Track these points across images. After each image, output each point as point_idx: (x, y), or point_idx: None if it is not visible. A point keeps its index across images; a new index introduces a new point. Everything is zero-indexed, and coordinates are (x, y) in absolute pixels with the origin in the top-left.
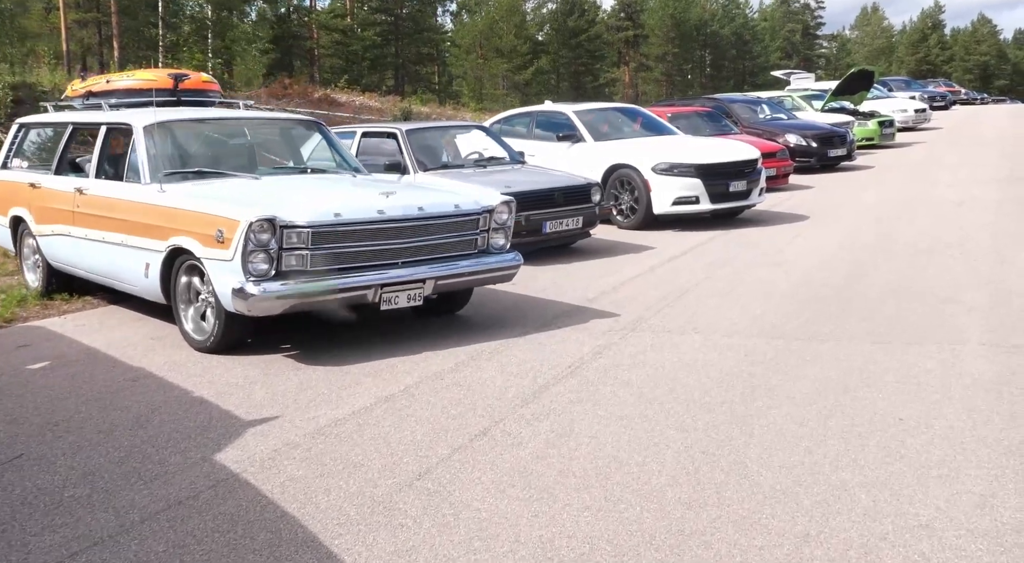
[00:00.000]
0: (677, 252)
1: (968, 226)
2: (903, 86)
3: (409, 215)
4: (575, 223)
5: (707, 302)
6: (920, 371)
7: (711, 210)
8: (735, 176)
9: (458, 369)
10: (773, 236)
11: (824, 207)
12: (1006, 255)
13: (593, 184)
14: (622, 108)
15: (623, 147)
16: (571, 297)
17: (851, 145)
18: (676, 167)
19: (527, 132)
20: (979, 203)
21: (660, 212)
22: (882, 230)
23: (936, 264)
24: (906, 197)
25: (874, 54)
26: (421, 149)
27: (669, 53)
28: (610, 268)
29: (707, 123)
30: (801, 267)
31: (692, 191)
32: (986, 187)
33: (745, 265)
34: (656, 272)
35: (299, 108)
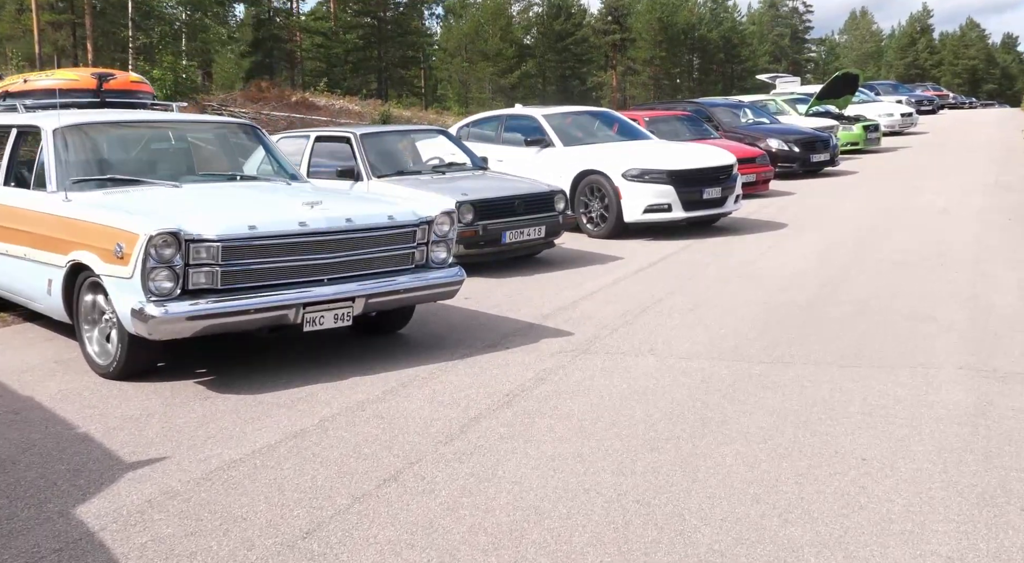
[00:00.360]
0: (645, 263)
1: (950, 236)
2: (890, 90)
3: (335, 227)
4: (537, 233)
5: (669, 320)
6: (889, 400)
7: (684, 218)
8: (709, 183)
9: (384, 398)
10: (747, 246)
11: (803, 215)
12: (987, 268)
13: (556, 192)
14: (595, 112)
15: (593, 152)
16: (525, 314)
17: (834, 150)
18: (647, 173)
19: (496, 137)
20: (963, 211)
21: (631, 220)
22: (861, 240)
23: (914, 278)
24: (889, 204)
25: (863, 58)
26: (377, 154)
27: (656, 57)
28: (572, 281)
29: (686, 127)
30: (772, 281)
31: (664, 198)
32: (972, 194)
33: (714, 278)
34: (620, 285)
35: (275, 112)
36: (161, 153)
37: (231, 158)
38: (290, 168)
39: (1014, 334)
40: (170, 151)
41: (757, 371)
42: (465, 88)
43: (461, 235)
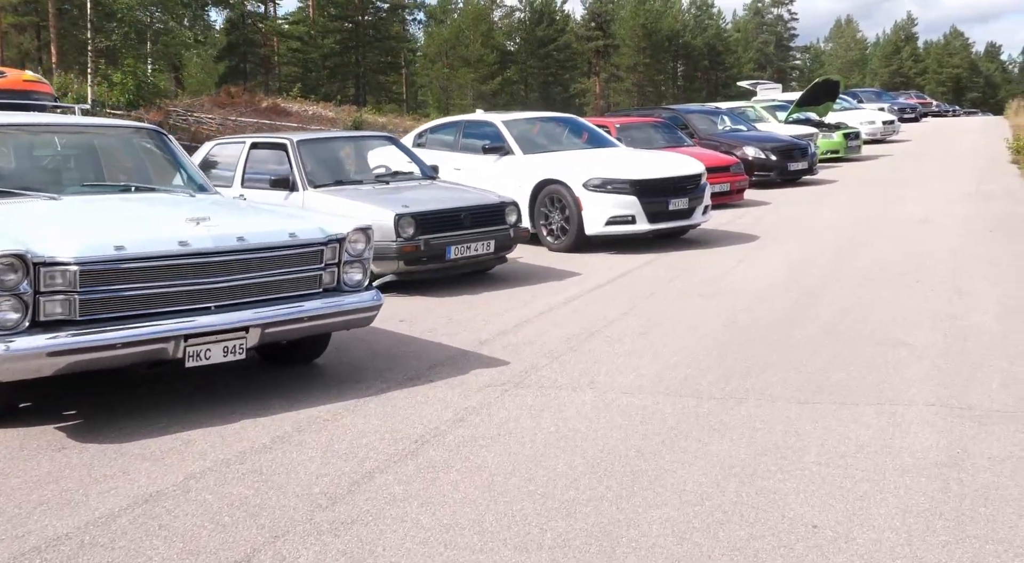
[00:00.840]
0: (603, 280)
1: (929, 248)
2: (873, 97)
3: (223, 247)
4: (486, 248)
5: (617, 345)
6: (851, 446)
7: (649, 231)
8: (676, 193)
9: (272, 446)
10: (714, 260)
11: (777, 226)
12: (966, 284)
13: (507, 203)
14: (560, 118)
15: (554, 161)
16: (461, 339)
17: (813, 158)
18: (610, 183)
19: (454, 144)
20: (944, 221)
21: (592, 233)
22: (835, 253)
23: (888, 296)
24: (867, 214)
25: (847, 66)
26: (315, 163)
27: (640, 64)
28: (521, 300)
29: (660, 135)
30: (737, 299)
31: (627, 210)
32: (953, 203)
33: (675, 296)
34: (572, 305)
35: (244, 117)
36: (48, 161)
37: (132, 166)
38: (199, 178)
39: (992, 362)
40: (58, 159)
41: (706, 409)
42: (446, 94)
43: (401, 250)
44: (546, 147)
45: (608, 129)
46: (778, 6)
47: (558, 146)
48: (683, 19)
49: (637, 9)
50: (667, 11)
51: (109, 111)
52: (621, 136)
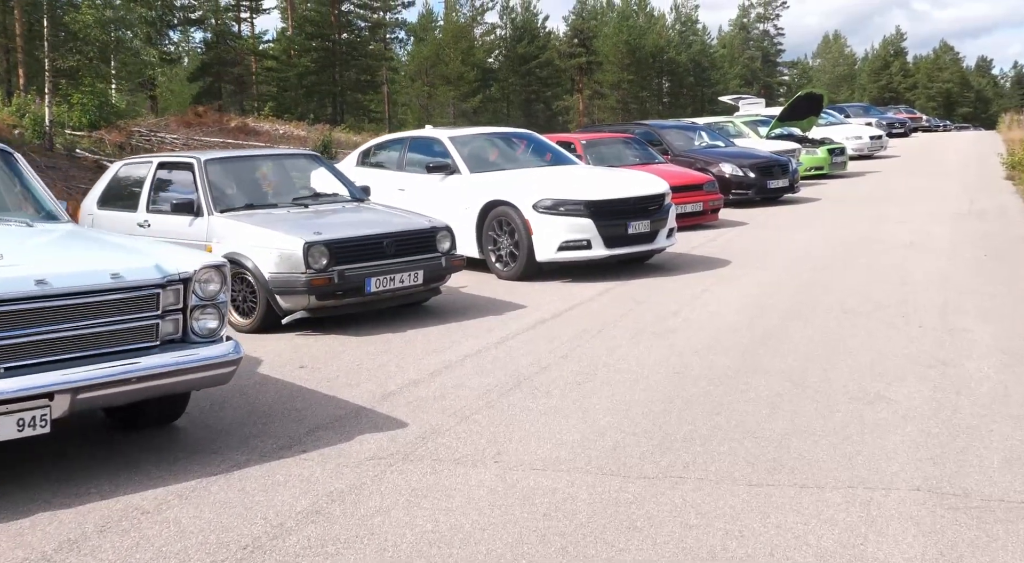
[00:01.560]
0: (549, 313)
1: (916, 276)
2: (861, 112)
3: (16, 293)
4: (413, 279)
5: (543, 400)
6: (808, 556)
7: (606, 257)
8: (636, 215)
9: (53, 557)
10: (676, 290)
11: (751, 250)
12: (958, 321)
13: (439, 229)
14: (514, 133)
15: (504, 180)
16: (362, 391)
17: (794, 175)
18: (562, 204)
19: (399, 162)
20: (932, 243)
21: (544, 259)
22: (811, 282)
23: (868, 336)
24: (849, 236)
25: (836, 81)
26: (225, 184)
27: (624, 80)
28: (449, 339)
29: (630, 152)
30: (692, 339)
31: (582, 234)
32: (942, 223)
33: (624, 335)
34: (506, 346)
35: (210, 137)
36: None
37: None
38: (49, 204)
39: (992, 425)
40: None
41: (631, 494)
42: (426, 113)
43: (311, 283)
44: (497, 165)
45: (573, 146)
46: (764, 21)
47: (511, 164)
48: (667, 35)
49: (620, 26)
50: (651, 28)
51: (68, 132)
52: (588, 153)
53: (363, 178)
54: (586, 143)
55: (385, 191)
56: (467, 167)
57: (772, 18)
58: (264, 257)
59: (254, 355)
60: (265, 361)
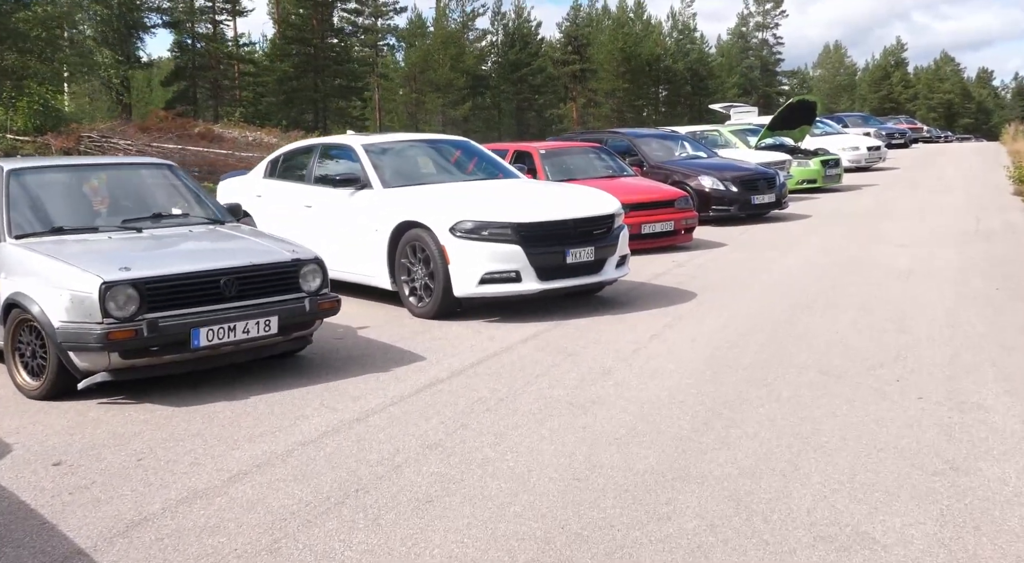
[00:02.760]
0: (450, 370)
1: (914, 319)
2: (860, 122)
3: None
4: (263, 328)
5: (362, 534)
6: None
7: (539, 292)
8: (577, 240)
9: None
10: (621, 335)
11: (723, 278)
12: (968, 391)
13: (304, 262)
14: (447, 141)
15: (420, 196)
16: (103, 516)
17: (781, 190)
18: (486, 227)
19: (307, 174)
20: (935, 272)
21: (463, 294)
22: (787, 325)
23: (847, 417)
24: (840, 261)
25: (835, 91)
26: (33, 201)
27: (619, 88)
28: (292, 414)
29: (595, 163)
30: (617, 419)
31: (509, 263)
32: (946, 246)
33: (529, 409)
34: (362, 427)
35: (168, 144)
36: None
37: None
38: None
39: None
40: None
41: None
42: (414, 120)
43: (110, 337)
44: (419, 178)
45: (531, 156)
46: (763, 30)
47: (436, 177)
48: (664, 43)
49: (616, 33)
50: (648, 35)
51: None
52: (547, 165)
53: (269, 192)
54: (545, 153)
55: (291, 209)
56: (380, 180)
57: (771, 27)
58: (52, 300)
59: (6, 439)
60: (15, 451)
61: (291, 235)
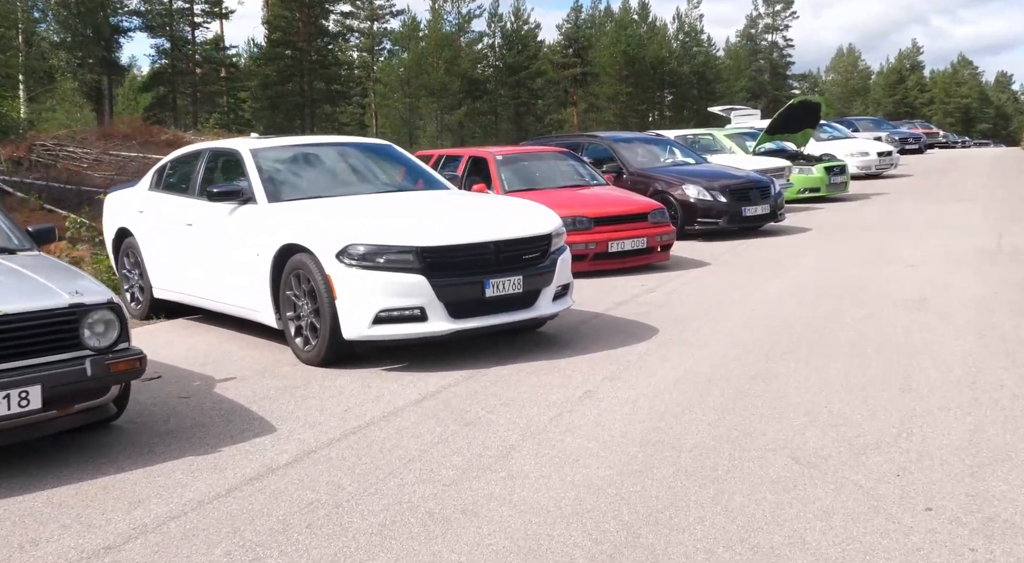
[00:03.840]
0: (296, 452)
1: (925, 372)
2: (871, 126)
3: None
4: (20, 402)
5: None
6: None
7: (449, 333)
8: (499, 268)
9: None
10: (548, 389)
11: (694, 309)
12: (1002, 493)
13: (86, 310)
14: (360, 145)
15: (309, 213)
16: None
17: (777, 200)
18: (382, 252)
19: (192, 185)
20: (951, 303)
21: (354, 336)
22: (758, 380)
23: (823, 539)
24: (835, 288)
25: (848, 95)
26: None
27: (622, 92)
28: (24, 533)
29: (560, 170)
30: (498, 534)
31: (411, 297)
32: (964, 268)
33: (384, 513)
34: (117, 555)
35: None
36: None
37: None
38: None
39: None
40: None
41: None
42: (409, 126)
43: None
44: (317, 190)
45: (486, 163)
46: (772, 32)
47: (339, 189)
48: (669, 46)
49: (618, 35)
50: (652, 38)
51: None
52: (503, 173)
53: (151, 207)
54: (502, 160)
55: (173, 227)
56: (266, 193)
57: (781, 29)
58: None
59: None
60: None
61: (171, 259)
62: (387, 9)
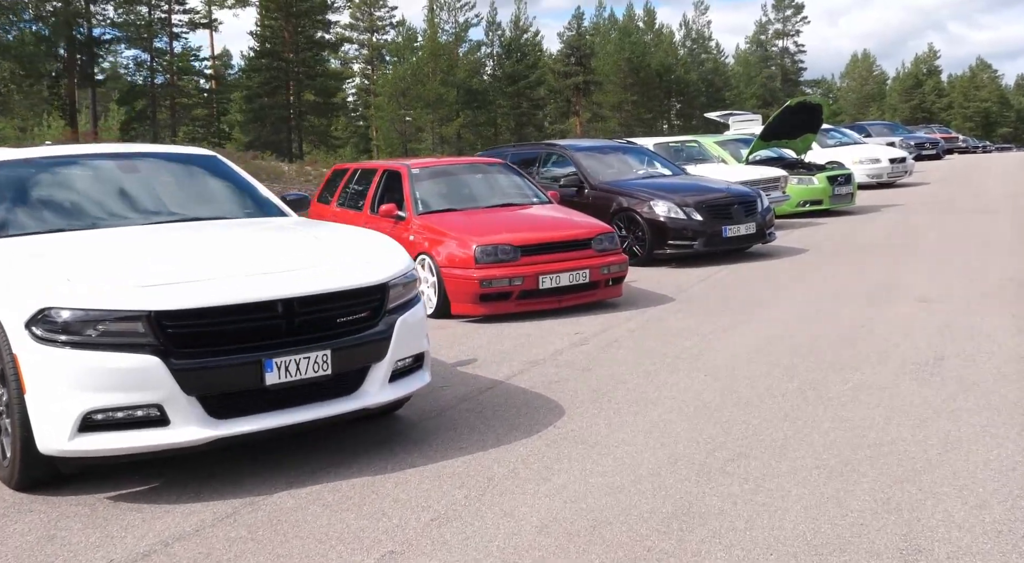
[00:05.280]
0: None
1: (947, 497)
2: (885, 131)
3: None
4: None
5: None
6: None
7: (208, 441)
8: (291, 339)
9: None
10: (345, 539)
11: (625, 378)
12: None
13: None
14: (179, 156)
15: (24, 257)
16: None
17: (766, 217)
18: (95, 320)
19: None
20: (981, 365)
21: (52, 450)
22: (675, 526)
23: None
24: (823, 340)
25: (863, 100)
26: None
27: (627, 101)
28: None
29: (488, 185)
30: None
31: (139, 391)
32: (993, 305)
33: None
34: None
35: None
36: None
37: None
38: None
39: None
40: None
41: None
42: (403, 138)
43: None
44: (61, 222)
45: (400, 177)
46: (783, 38)
47: (99, 218)
48: (676, 53)
49: (622, 42)
50: (658, 44)
51: None
52: (419, 189)
53: None
54: (418, 174)
55: None
56: None
57: (792, 34)
58: None
59: None
60: None
61: None
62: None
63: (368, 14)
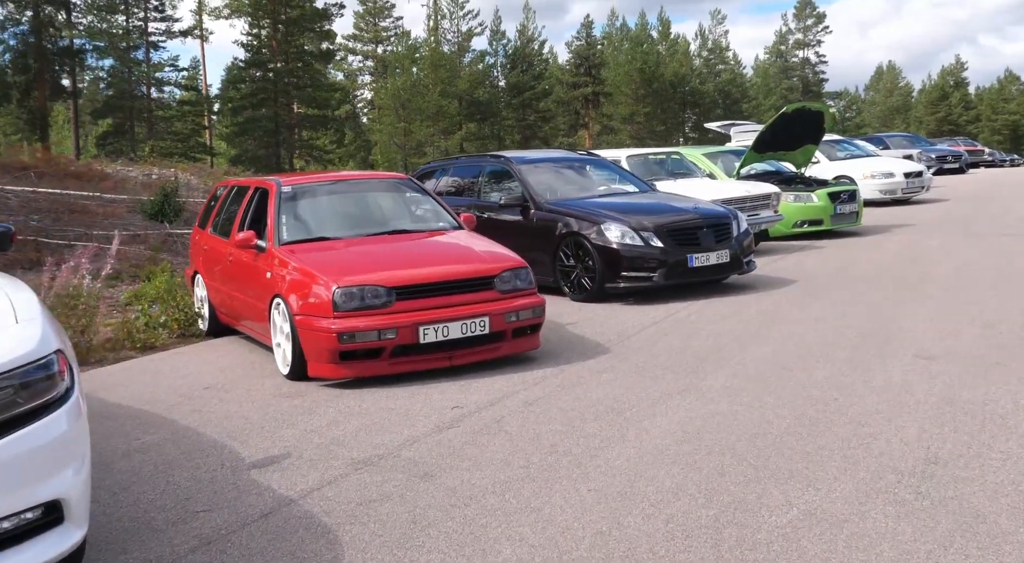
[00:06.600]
0: None
1: None
2: (905, 143)
3: None
4: None
5: None
6: None
7: None
8: None
9: None
10: None
11: (478, 497)
12: None
13: None
14: None
15: None
16: None
17: (743, 243)
18: None
19: None
20: (987, 466)
21: None
22: None
23: None
24: (784, 420)
25: (888, 113)
26: None
27: (639, 113)
28: None
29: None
30: None
31: None
32: (1009, 364)
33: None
34: None
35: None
36: None
37: None
38: None
39: None
40: None
41: None
42: (403, 152)
43: None
44: None
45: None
46: (803, 48)
47: None
48: (690, 63)
49: (633, 52)
50: (672, 55)
51: None
52: (285, 215)
53: None
54: (289, 194)
55: None
56: None
57: (813, 45)
58: None
59: None
60: None
61: None
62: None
63: (373, 24)
